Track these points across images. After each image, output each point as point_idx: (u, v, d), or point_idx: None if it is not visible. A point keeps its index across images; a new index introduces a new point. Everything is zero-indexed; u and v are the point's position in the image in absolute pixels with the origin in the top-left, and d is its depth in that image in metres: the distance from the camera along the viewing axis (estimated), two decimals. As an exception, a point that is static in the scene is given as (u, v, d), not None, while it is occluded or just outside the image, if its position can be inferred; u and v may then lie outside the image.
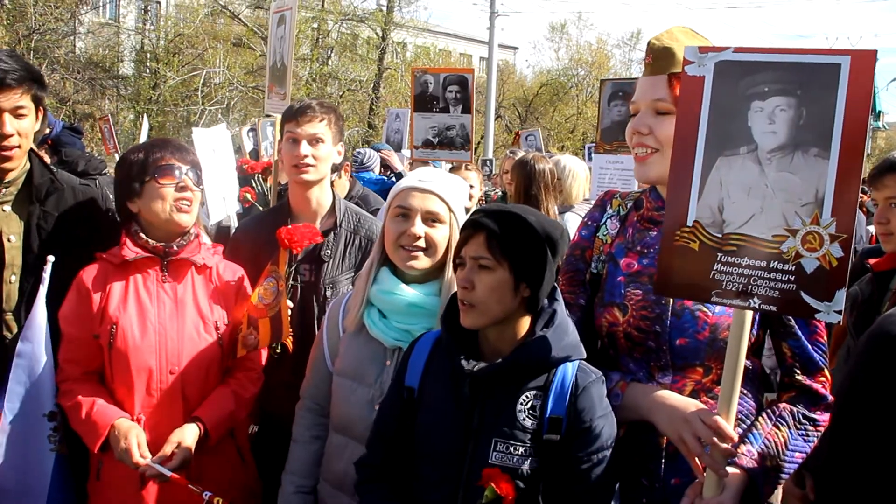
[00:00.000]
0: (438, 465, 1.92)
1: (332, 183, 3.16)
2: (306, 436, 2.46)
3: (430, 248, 2.26)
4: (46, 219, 2.64)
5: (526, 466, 1.85)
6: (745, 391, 1.94)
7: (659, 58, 1.95)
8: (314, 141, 2.94)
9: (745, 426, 1.91)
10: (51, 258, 2.52)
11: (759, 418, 1.92)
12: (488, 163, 12.13)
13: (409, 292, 2.27)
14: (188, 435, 2.43)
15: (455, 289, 2.18)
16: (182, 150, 2.59)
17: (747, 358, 1.93)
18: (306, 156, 2.92)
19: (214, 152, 4.45)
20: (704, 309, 1.91)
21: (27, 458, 2.49)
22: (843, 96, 1.51)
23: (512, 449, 1.86)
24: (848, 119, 1.51)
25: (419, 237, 2.24)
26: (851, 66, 1.50)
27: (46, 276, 2.50)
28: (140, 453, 2.36)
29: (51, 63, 22.43)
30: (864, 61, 1.50)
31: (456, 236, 2.30)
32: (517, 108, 33.71)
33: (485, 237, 1.89)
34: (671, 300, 1.93)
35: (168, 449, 2.39)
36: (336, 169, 3.14)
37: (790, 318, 1.91)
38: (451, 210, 2.29)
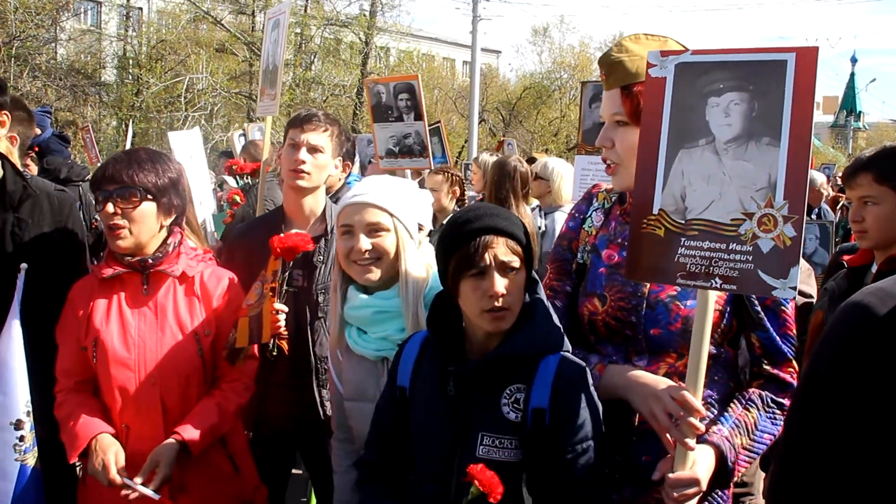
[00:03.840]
0: (431, 460, 1.98)
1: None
2: (342, 466, 2.48)
3: (381, 258, 2.32)
4: (21, 226, 2.65)
5: (513, 459, 1.89)
6: (719, 377, 2.04)
7: (609, 73, 2.05)
8: (313, 150, 3.00)
9: (717, 410, 1.99)
10: (24, 266, 2.51)
11: (731, 403, 2.01)
12: (469, 166, 12.19)
13: (375, 302, 2.34)
14: (167, 453, 2.42)
15: (413, 288, 2.26)
16: (121, 165, 2.50)
17: (721, 346, 2.05)
18: (304, 162, 2.98)
19: (192, 158, 4.51)
20: (678, 302, 2.01)
21: None
22: (791, 89, 1.64)
23: (498, 442, 1.90)
24: (795, 110, 1.64)
25: (366, 251, 2.30)
26: (797, 62, 1.64)
27: (20, 283, 2.50)
28: (118, 471, 2.36)
29: (32, 70, 22.30)
30: (808, 57, 1.64)
31: (404, 239, 2.33)
32: (501, 112, 33.79)
33: (507, 241, 1.93)
34: (647, 292, 2.03)
35: (147, 468, 2.39)
36: (340, 154, 3.19)
37: (760, 311, 2.01)
38: (392, 216, 2.33)
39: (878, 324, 1.21)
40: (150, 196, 2.50)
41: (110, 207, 2.45)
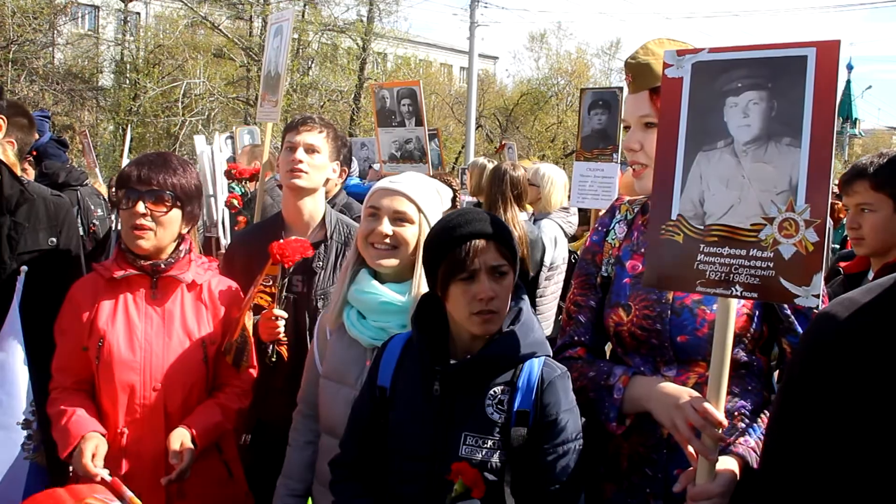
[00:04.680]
0: (411, 460, 1.97)
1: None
2: (300, 441, 2.51)
3: (399, 247, 2.32)
4: (17, 229, 2.66)
5: (495, 459, 1.91)
6: (752, 387, 1.99)
7: (637, 76, 2.03)
8: (310, 150, 3.01)
9: (748, 421, 1.95)
10: (24, 269, 2.53)
11: (762, 413, 1.97)
12: (463, 171, 12.18)
13: (384, 291, 2.32)
14: (187, 438, 2.44)
15: (424, 289, 2.23)
16: (155, 168, 2.52)
17: (753, 353, 2.00)
18: (301, 161, 2.97)
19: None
20: (703, 307, 1.97)
21: (2, 466, 2.49)
22: (811, 86, 1.58)
23: (481, 442, 1.91)
24: (817, 108, 1.58)
25: (387, 235, 2.31)
26: (817, 57, 1.57)
27: (20, 286, 2.52)
28: (93, 462, 2.32)
29: (29, 74, 22.30)
30: (829, 51, 1.57)
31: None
32: (498, 118, 33.85)
33: (495, 244, 1.95)
34: (671, 299, 1.99)
35: (175, 449, 2.40)
36: (337, 158, 3.18)
37: (791, 315, 1.96)
38: (420, 210, 2.34)
39: (838, 333, 1.22)
40: (179, 202, 2.53)
41: (141, 207, 2.47)
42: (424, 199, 2.37)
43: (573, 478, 1.93)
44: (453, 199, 5.65)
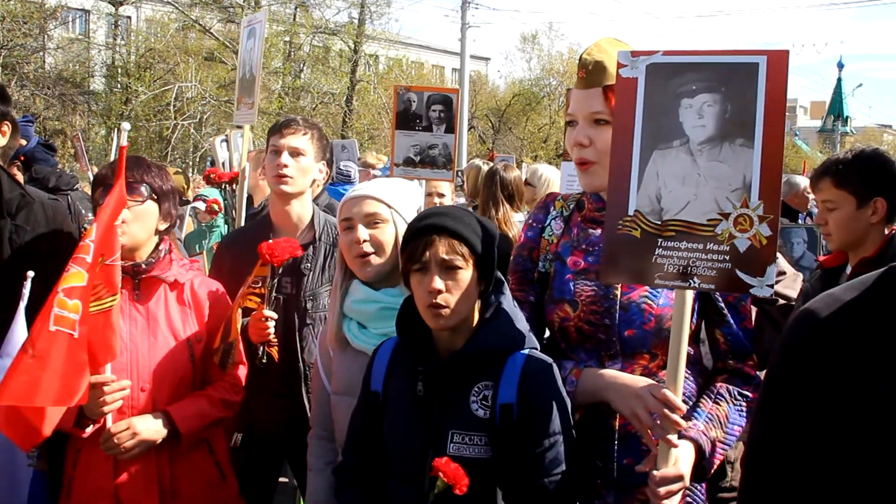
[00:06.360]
0: (405, 461, 2.00)
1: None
2: (320, 463, 2.48)
3: (378, 249, 2.33)
4: (18, 233, 2.67)
5: (483, 455, 1.92)
6: (688, 375, 2.04)
7: (592, 72, 2.05)
8: (295, 153, 3.01)
9: (689, 406, 2.01)
10: (30, 273, 2.53)
11: (701, 398, 2.05)
12: (459, 174, 12.17)
13: (381, 297, 2.33)
14: (150, 417, 2.46)
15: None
16: (128, 165, 2.53)
17: (689, 345, 2.04)
18: (286, 165, 2.97)
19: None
20: (650, 301, 2.02)
21: (7, 471, 2.51)
22: (762, 91, 1.66)
23: (468, 439, 1.93)
24: (768, 112, 1.66)
25: (363, 241, 2.31)
26: (768, 65, 1.66)
27: (26, 291, 2.52)
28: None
29: (20, 79, 22.25)
30: (779, 60, 1.66)
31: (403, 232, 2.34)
32: (490, 119, 33.90)
33: (450, 240, 1.95)
34: (619, 295, 2.03)
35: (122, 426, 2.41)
36: (323, 158, 3.20)
37: (724, 307, 2.04)
38: (391, 207, 2.36)
39: (819, 331, 1.24)
40: (154, 196, 2.56)
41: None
42: (392, 196, 2.38)
43: (562, 470, 1.93)
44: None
